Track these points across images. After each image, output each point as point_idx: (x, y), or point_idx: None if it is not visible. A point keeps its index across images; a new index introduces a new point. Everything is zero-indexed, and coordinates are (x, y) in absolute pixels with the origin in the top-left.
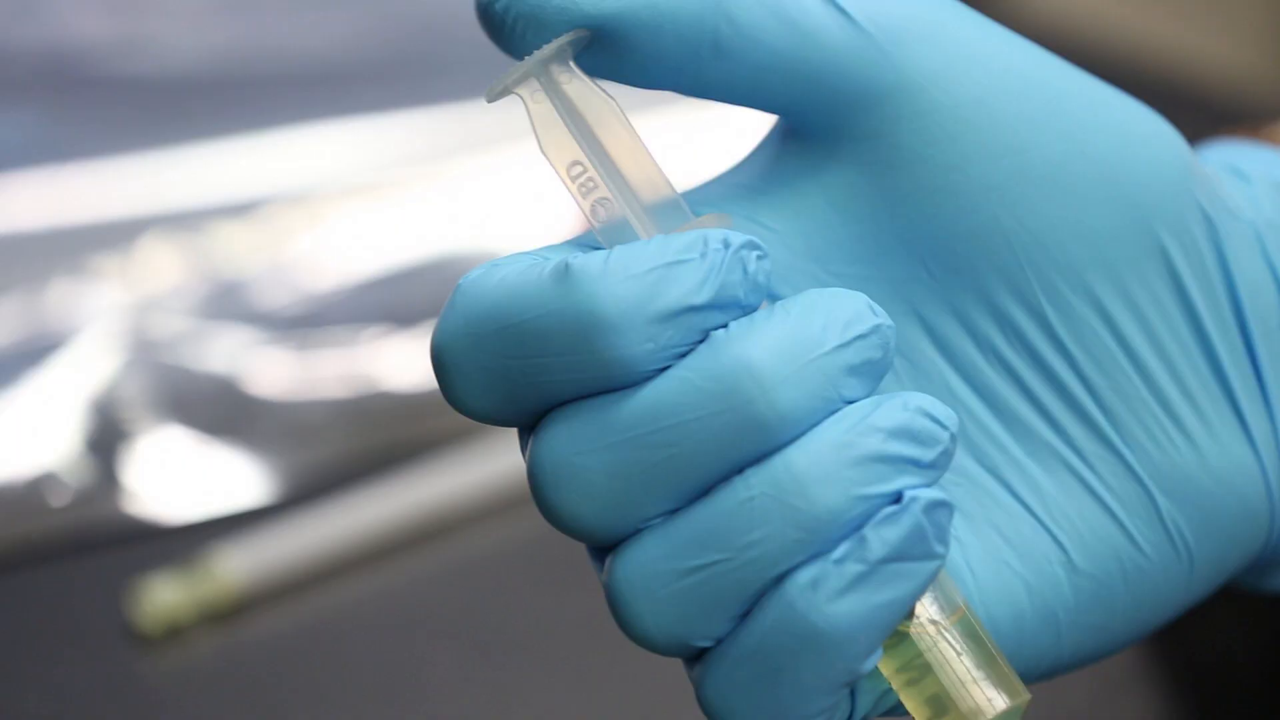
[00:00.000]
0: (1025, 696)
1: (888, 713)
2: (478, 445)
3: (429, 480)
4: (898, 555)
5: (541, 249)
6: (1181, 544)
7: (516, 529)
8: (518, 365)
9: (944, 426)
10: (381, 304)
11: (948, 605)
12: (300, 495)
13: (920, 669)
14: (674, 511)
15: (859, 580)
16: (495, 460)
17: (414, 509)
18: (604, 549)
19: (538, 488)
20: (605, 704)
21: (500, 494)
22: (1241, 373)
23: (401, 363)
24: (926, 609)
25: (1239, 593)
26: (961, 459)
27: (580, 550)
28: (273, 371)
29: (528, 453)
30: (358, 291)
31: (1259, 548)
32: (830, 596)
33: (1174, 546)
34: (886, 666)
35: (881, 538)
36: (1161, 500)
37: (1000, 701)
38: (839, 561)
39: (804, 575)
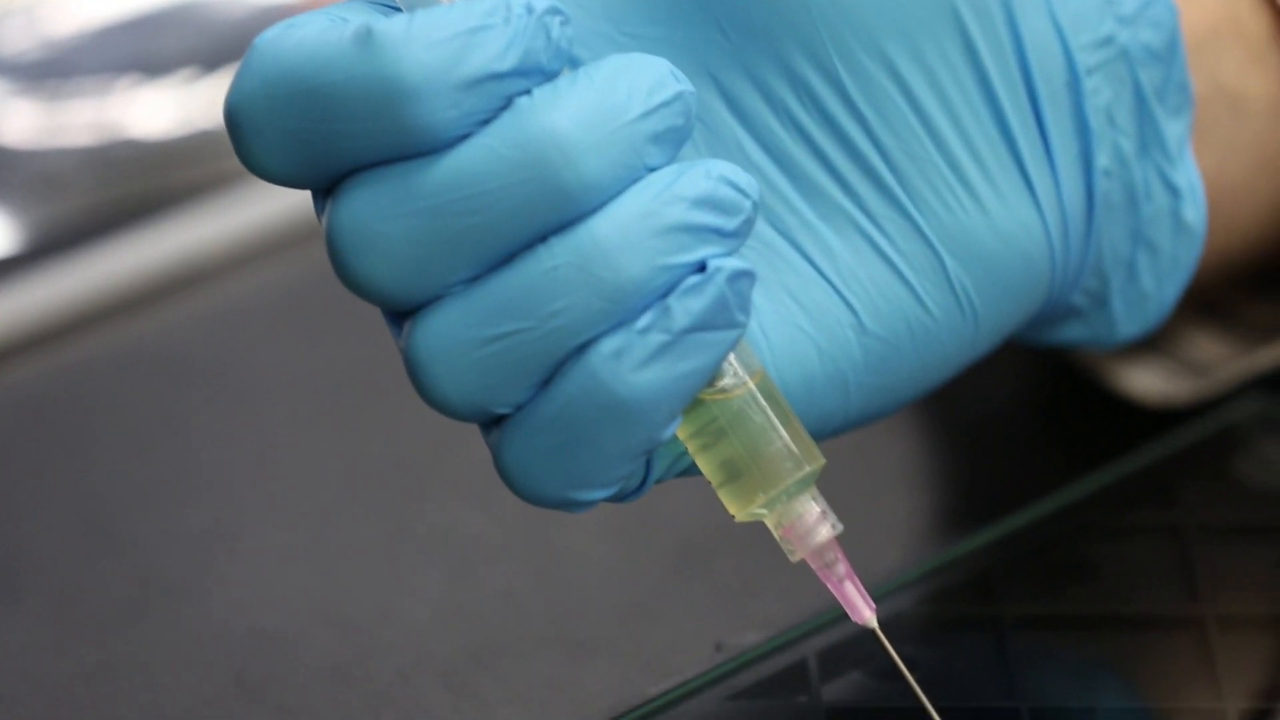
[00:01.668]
0: (820, 461)
1: (681, 475)
2: (231, 194)
3: (182, 229)
4: (701, 325)
5: (337, 7)
6: (967, 304)
7: (272, 278)
8: (317, 129)
9: (746, 195)
10: (131, 51)
11: (745, 371)
12: (50, 245)
13: (716, 434)
14: (476, 279)
15: (662, 350)
16: (250, 209)
17: (167, 258)
18: (402, 314)
19: (335, 252)
20: (367, 454)
21: (256, 242)
22: (1028, 134)
23: (152, 111)
24: (724, 375)
25: (1015, 346)
26: (755, 223)
27: (340, 300)
28: (17, 120)
29: (325, 217)
30: (106, 37)
31: (1040, 304)
32: (634, 366)
33: (960, 307)
34: (682, 431)
35: (685, 307)
36: (949, 261)
37: (795, 466)
38: (643, 331)
39: (608, 345)
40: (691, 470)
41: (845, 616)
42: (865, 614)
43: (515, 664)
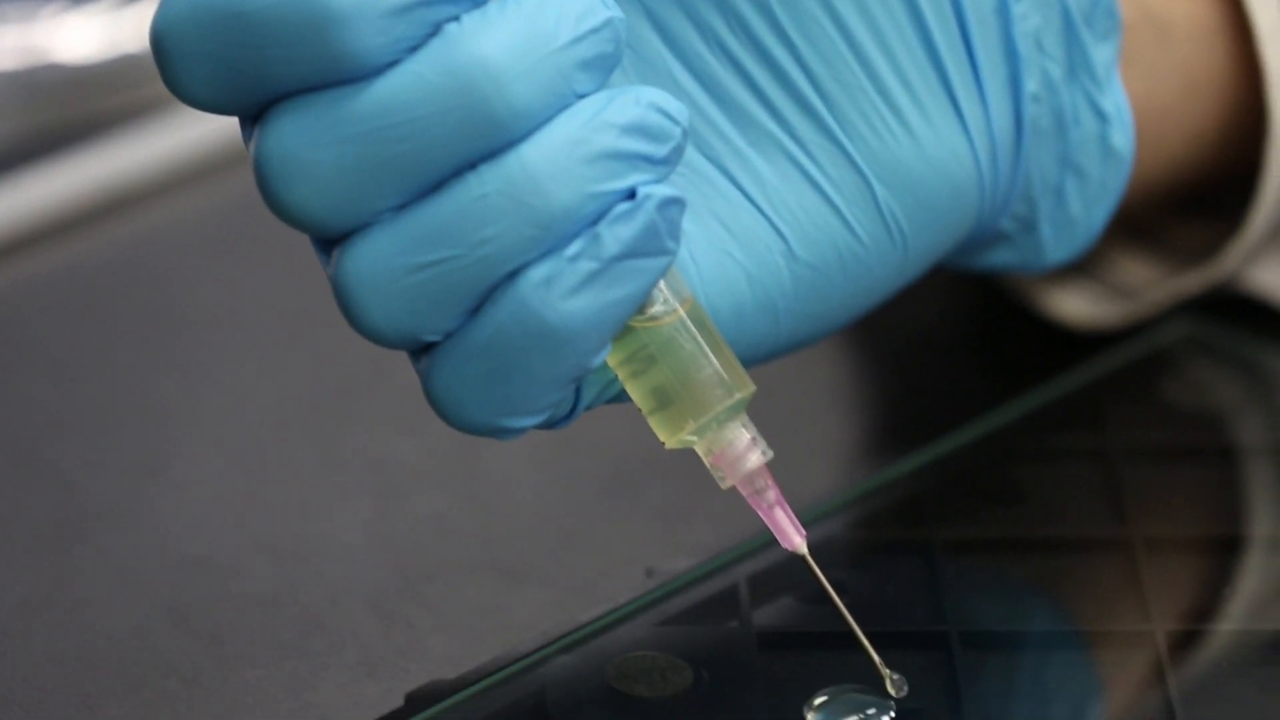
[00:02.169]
0: (750, 388)
1: (611, 402)
2: (157, 120)
3: (108, 155)
4: (631, 252)
5: None
6: (897, 231)
7: (199, 205)
8: (244, 55)
9: (676, 122)
10: None
11: (675, 298)
12: None
13: (646, 361)
14: (404, 206)
15: (592, 277)
16: (176, 135)
17: (93, 184)
18: (330, 242)
19: (263, 179)
20: (296, 381)
21: (183, 169)
22: (957, 60)
23: (78, 36)
24: (654, 302)
25: (944, 272)
26: (685, 150)
27: (268, 227)
28: None
29: (253, 144)
30: None
31: (968, 230)
32: (563, 293)
33: (889, 234)
34: (612, 358)
35: (615, 235)
36: (879, 188)
37: (725, 393)
38: (573, 259)
39: (537, 272)
40: (621, 397)
41: (776, 542)
42: (795, 540)
43: (446, 591)
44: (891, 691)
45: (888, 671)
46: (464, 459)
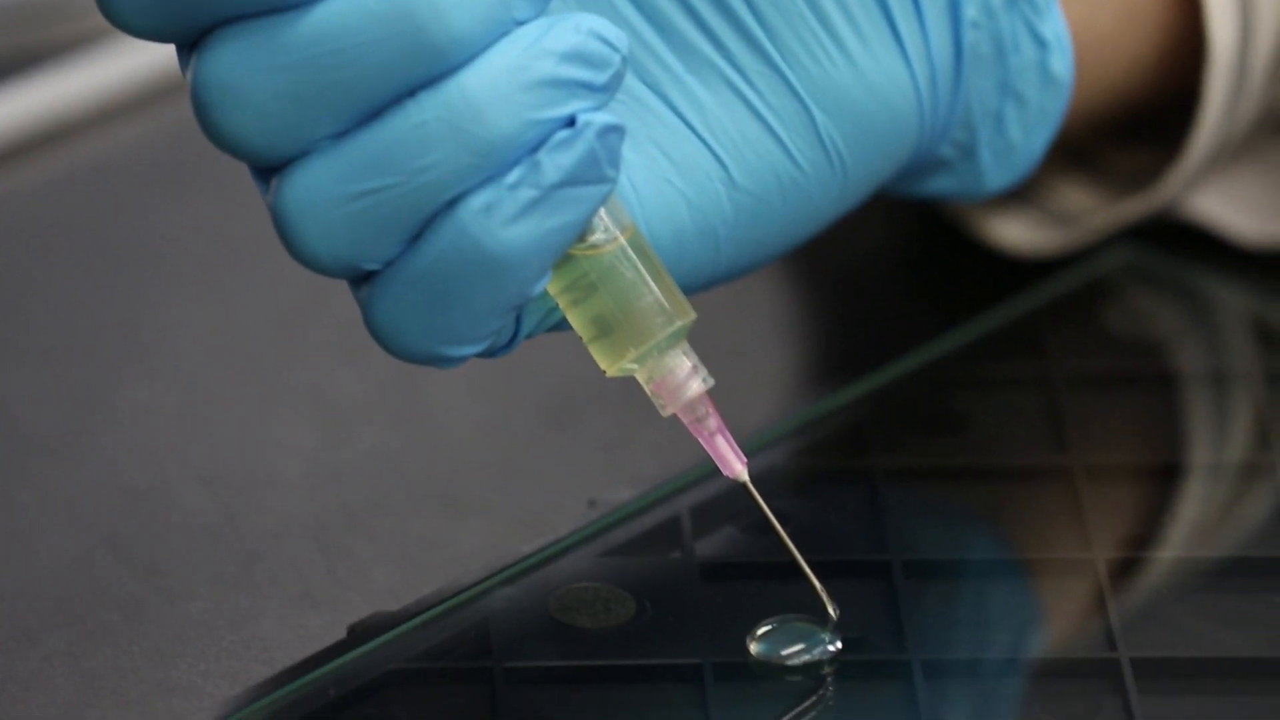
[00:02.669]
0: (691, 316)
1: (552, 330)
2: (95, 50)
3: (46, 86)
4: (571, 180)
5: None
6: (836, 158)
7: (137, 134)
8: None
9: (615, 49)
10: None
11: (616, 226)
12: None
13: (587, 289)
14: (343, 134)
15: (532, 205)
16: (114, 64)
17: (31, 115)
18: (269, 170)
19: (201, 107)
20: (237, 312)
21: (121, 99)
22: None
23: None
24: (595, 230)
25: (885, 199)
26: (625, 77)
27: (208, 156)
28: None
29: (190, 72)
30: None
31: (908, 157)
32: (503, 221)
33: (829, 160)
34: (553, 286)
35: (555, 162)
36: (818, 115)
37: (666, 321)
38: (512, 187)
39: (477, 200)
40: (562, 325)
41: (718, 471)
42: (736, 468)
43: (388, 522)
44: (831, 613)
45: (827, 596)
46: (406, 390)
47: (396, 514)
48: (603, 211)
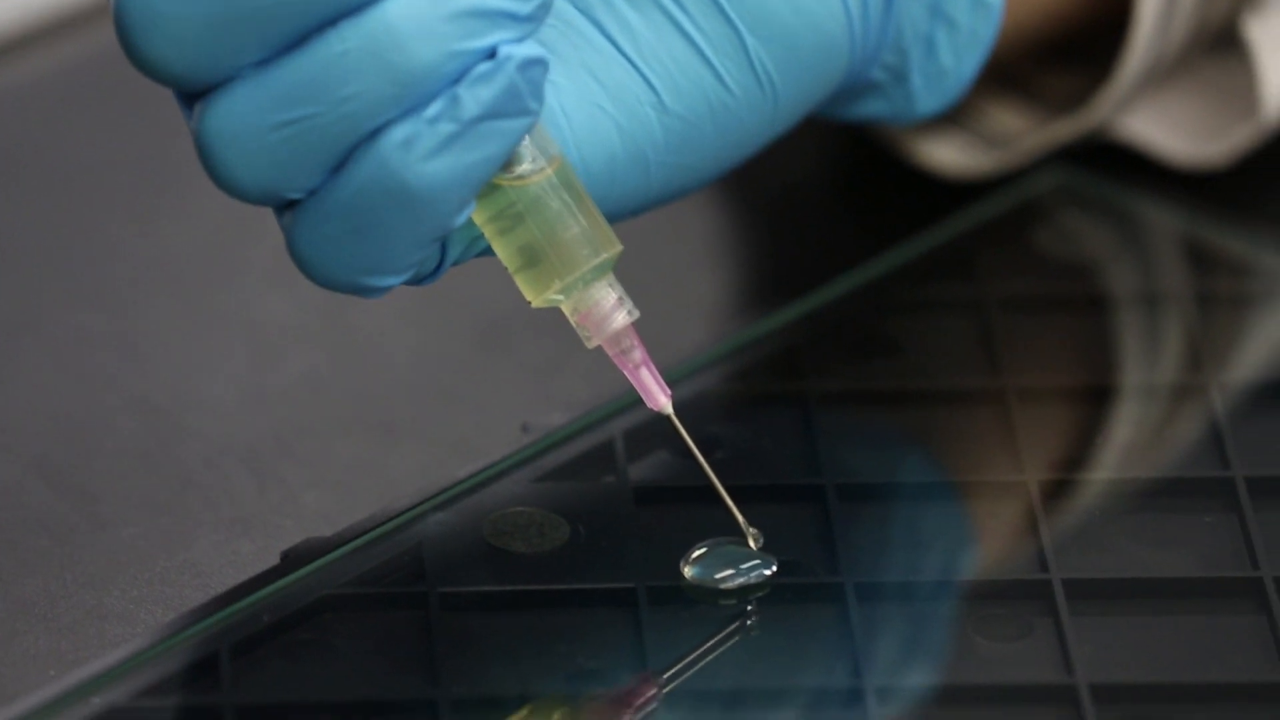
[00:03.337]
0: (617, 248)
1: (480, 256)
2: None
3: None
4: (491, 113)
5: None
6: (767, 82)
7: (62, 59)
8: None
9: None
10: None
11: (542, 156)
12: None
13: (513, 219)
14: (266, 62)
15: (452, 139)
16: None
17: None
18: (193, 96)
19: (123, 32)
20: (166, 237)
21: (45, 23)
22: None
23: None
24: (522, 160)
25: (817, 123)
26: (556, 1)
27: (135, 81)
28: None
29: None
30: None
31: (839, 81)
32: (423, 156)
33: (760, 84)
34: (479, 215)
35: (475, 96)
36: (749, 39)
37: (591, 252)
38: (432, 121)
39: (397, 133)
40: (489, 251)
41: None
42: (660, 400)
43: (320, 448)
44: (751, 544)
45: (747, 525)
46: (337, 315)
47: (329, 439)
48: (530, 142)
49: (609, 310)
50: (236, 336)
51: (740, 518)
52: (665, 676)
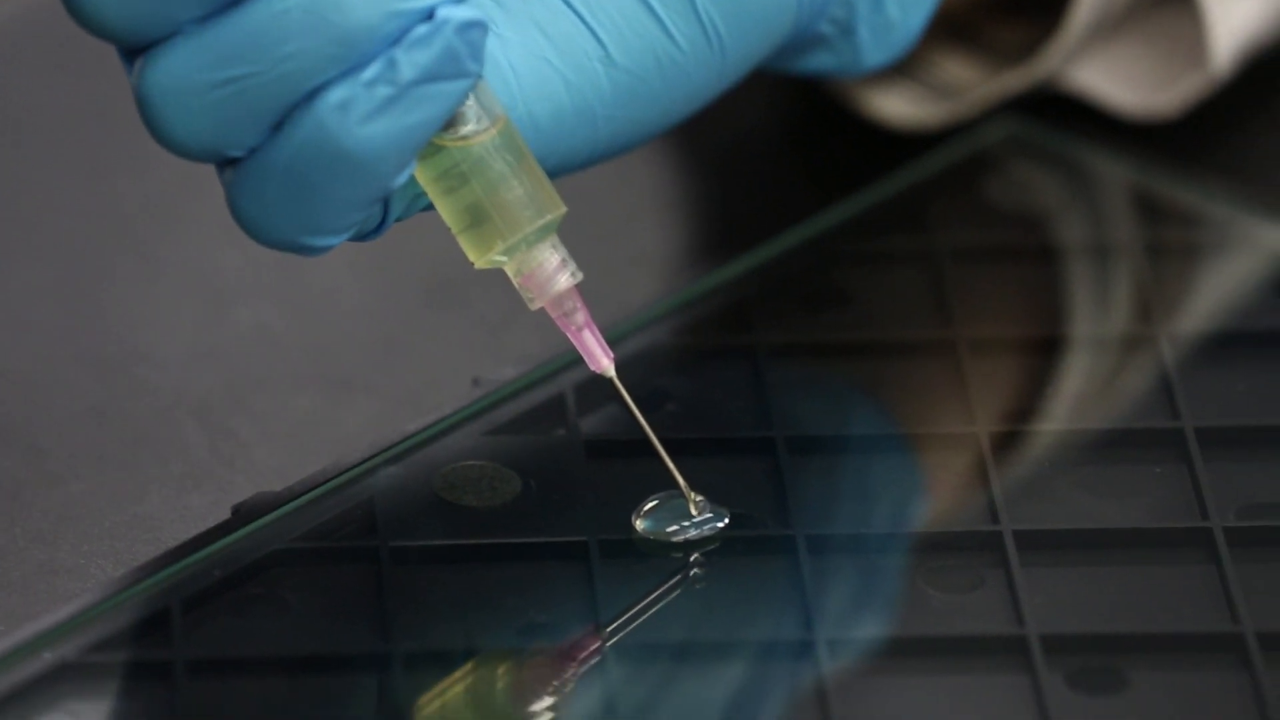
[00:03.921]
0: (561, 209)
1: (425, 210)
2: None
3: None
4: (428, 76)
5: None
6: (714, 36)
7: (11, 8)
8: None
9: None
10: None
11: (487, 116)
12: None
13: (458, 179)
14: (207, 19)
15: (389, 103)
16: None
17: None
18: (135, 52)
19: None
20: (117, 191)
21: None
22: None
23: None
24: (467, 121)
25: (765, 76)
26: None
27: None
28: None
29: None
30: None
31: (786, 34)
32: (360, 119)
33: (707, 38)
34: (424, 175)
35: (412, 60)
36: None
37: (535, 214)
38: (369, 84)
39: (334, 95)
40: (432, 207)
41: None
42: (603, 363)
43: (272, 402)
44: (692, 510)
45: (687, 486)
46: (288, 269)
47: (280, 393)
48: (474, 102)
49: (552, 272)
50: (187, 290)
51: (682, 481)
52: (616, 629)
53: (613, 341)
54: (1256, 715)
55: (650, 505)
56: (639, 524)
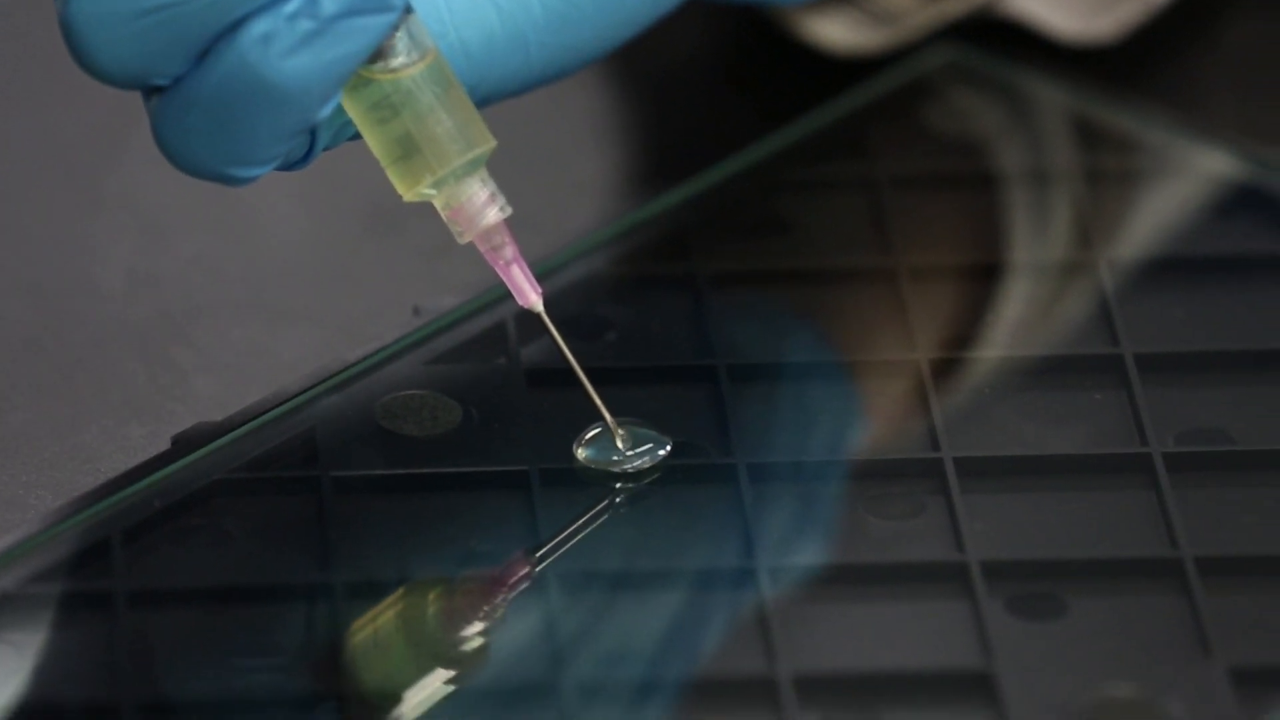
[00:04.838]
0: (490, 144)
1: (352, 140)
2: None
3: None
4: (351, 10)
5: None
6: None
7: None
8: None
9: None
10: None
11: (417, 49)
12: None
13: (388, 110)
14: None
15: (311, 37)
16: None
17: None
18: None
19: None
20: (52, 120)
21: None
22: None
23: None
24: (396, 54)
25: (700, 2)
26: None
27: None
28: None
29: None
30: None
31: None
32: (282, 53)
33: None
34: (355, 107)
35: None
36: None
37: (464, 147)
38: (291, 18)
39: (256, 28)
40: (359, 137)
41: (543, 279)
42: (531, 298)
43: (211, 331)
44: (619, 444)
45: (616, 426)
46: (226, 198)
47: (219, 322)
48: (405, 33)
49: (481, 206)
50: (125, 219)
51: (609, 418)
52: (554, 556)
53: (551, 270)
54: (1195, 639)
55: (592, 434)
56: (580, 453)
